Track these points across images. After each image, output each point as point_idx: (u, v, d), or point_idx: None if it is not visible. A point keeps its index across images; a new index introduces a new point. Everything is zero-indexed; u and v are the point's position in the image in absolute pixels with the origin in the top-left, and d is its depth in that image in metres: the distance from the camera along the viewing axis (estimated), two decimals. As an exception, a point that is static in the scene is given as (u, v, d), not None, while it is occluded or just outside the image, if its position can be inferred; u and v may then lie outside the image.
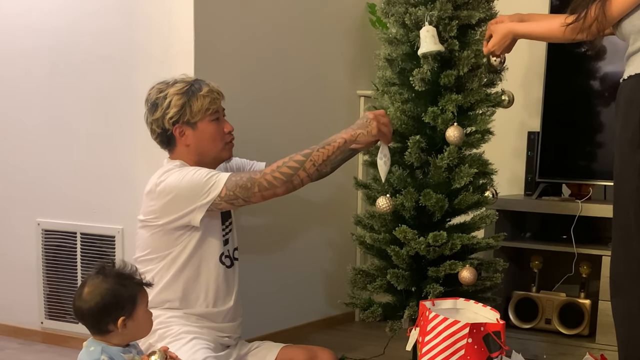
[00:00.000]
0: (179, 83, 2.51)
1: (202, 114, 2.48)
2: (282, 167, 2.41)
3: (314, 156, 2.43)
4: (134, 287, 1.96)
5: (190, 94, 2.47)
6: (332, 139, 2.47)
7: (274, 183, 2.41)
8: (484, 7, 2.79)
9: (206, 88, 2.50)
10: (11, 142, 3.50)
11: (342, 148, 2.47)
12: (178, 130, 2.49)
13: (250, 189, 2.40)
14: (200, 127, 2.49)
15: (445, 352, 2.20)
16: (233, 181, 2.40)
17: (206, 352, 2.38)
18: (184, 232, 2.46)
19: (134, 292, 1.95)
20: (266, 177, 2.41)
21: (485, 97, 2.77)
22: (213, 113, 2.50)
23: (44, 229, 3.41)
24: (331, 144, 2.46)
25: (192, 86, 2.49)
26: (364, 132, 2.48)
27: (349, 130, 2.49)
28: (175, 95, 2.47)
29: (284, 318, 3.51)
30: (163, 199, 2.43)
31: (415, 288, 2.80)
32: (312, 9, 3.57)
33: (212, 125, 2.50)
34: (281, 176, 2.41)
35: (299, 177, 2.42)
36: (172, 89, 2.49)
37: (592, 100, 3.46)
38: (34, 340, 3.45)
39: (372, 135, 2.49)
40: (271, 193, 2.43)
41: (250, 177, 2.41)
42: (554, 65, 3.49)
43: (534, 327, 3.42)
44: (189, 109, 2.47)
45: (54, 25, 3.33)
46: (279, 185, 2.41)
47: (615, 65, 3.28)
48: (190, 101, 2.47)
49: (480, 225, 2.87)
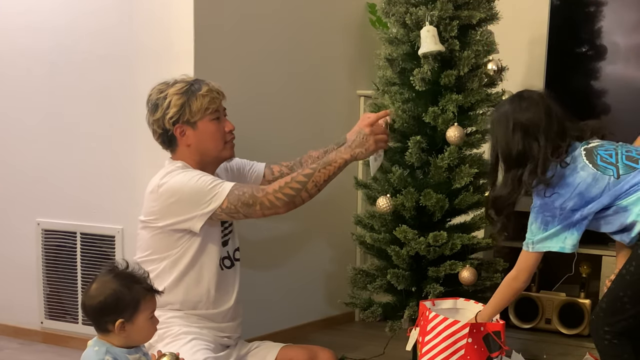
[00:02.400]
0: (179, 83, 2.51)
1: (201, 113, 2.47)
2: (284, 188, 2.42)
3: (316, 177, 2.44)
4: (139, 291, 1.93)
5: (189, 93, 2.47)
6: (332, 159, 2.47)
7: (276, 203, 2.42)
8: (485, 7, 2.79)
9: (205, 87, 2.49)
10: (11, 142, 3.49)
11: (342, 168, 2.50)
12: (179, 130, 2.49)
13: (252, 206, 2.41)
14: (200, 127, 2.49)
15: (445, 352, 2.20)
16: (236, 195, 2.40)
17: (206, 352, 2.38)
18: (183, 234, 2.46)
19: (137, 297, 1.92)
20: (268, 197, 2.42)
21: (485, 97, 2.77)
22: (213, 112, 2.50)
23: (44, 229, 3.40)
24: (332, 164, 2.47)
25: (192, 86, 2.49)
26: (362, 150, 2.51)
27: (348, 149, 2.50)
28: (175, 95, 2.47)
29: (284, 318, 3.50)
30: (165, 201, 2.43)
31: (415, 288, 2.80)
32: (312, 8, 3.56)
33: (212, 125, 2.50)
34: (283, 197, 2.42)
35: (300, 197, 2.44)
36: (172, 89, 2.49)
37: (592, 100, 3.46)
38: (34, 340, 3.45)
39: (371, 152, 2.54)
40: (272, 212, 2.46)
41: (253, 195, 2.41)
42: (554, 65, 3.49)
43: (534, 327, 3.42)
44: (189, 109, 2.47)
45: (54, 25, 3.32)
46: (280, 206, 2.43)
47: (615, 65, 3.28)
48: (189, 101, 2.47)
49: (481, 225, 2.87)
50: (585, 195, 2.13)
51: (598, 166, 2.14)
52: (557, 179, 2.15)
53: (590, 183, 2.13)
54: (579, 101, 3.48)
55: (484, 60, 2.78)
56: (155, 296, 1.99)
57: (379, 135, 2.52)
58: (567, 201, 2.14)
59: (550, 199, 2.16)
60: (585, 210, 2.14)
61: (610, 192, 2.12)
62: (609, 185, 2.12)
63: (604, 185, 2.12)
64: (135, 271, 1.97)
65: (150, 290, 1.97)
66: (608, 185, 2.12)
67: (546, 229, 2.17)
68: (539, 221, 2.19)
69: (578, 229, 2.15)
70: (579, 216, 2.14)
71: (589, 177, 2.13)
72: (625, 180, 2.11)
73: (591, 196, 2.13)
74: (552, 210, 2.16)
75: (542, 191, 2.17)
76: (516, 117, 2.19)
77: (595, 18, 3.47)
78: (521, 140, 2.17)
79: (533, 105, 2.20)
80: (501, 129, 2.21)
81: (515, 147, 2.18)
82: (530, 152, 2.17)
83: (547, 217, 2.17)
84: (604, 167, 2.14)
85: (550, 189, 2.16)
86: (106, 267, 1.98)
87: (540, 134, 2.17)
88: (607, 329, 2.13)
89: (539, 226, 2.19)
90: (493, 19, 2.83)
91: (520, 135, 2.17)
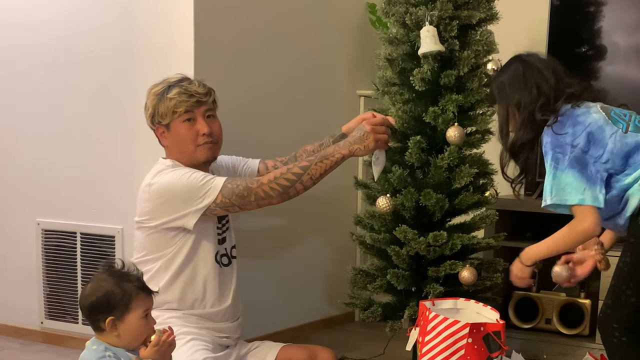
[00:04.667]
0: (161, 84, 2.51)
1: (170, 115, 2.47)
2: (279, 179, 2.41)
3: (312, 169, 2.43)
4: (130, 290, 1.93)
5: (161, 95, 2.48)
6: (330, 153, 2.45)
7: (271, 194, 2.41)
8: (485, 7, 2.79)
9: (175, 90, 2.46)
10: (11, 142, 3.49)
11: (339, 163, 2.47)
12: (159, 130, 2.51)
13: (246, 198, 2.41)
14: (172, 129, 2.49)
15: (445, 352, 2.20)
16: (229, 188, 2.40)
17: (205, 352, 2.38)
18: (177, 232, 2.45)
19: (128, 295, 1.92)
20: (263, 188, 2.41)
21: (485, 97, 2.77)
22: (182, 114, 2.48)
23: (43, 229, 3.40)
24: (329, 158, 2.44)
25: (169, 88, 2.48)
26: (361, 146, 2.47)
27: (346, 144, 2.47)
28: (152, 96, 2.51)
29: (284, 318, 3.50)
30: (156, 200, 2.43)
31: (415, 288, 2.80)
32: (312, 8, 3.56)
33: (183, 126, 2.48)
34: (278, 187, 2.41)
35: (295, 189, 2.43)
36: (153, 90, 2.51)
37: (592, 100, 3.46)
38: (34, 340, 3.45)
39: (369, 150, 2.49)
40: (267, 202, 2.44)
41: (247, 186, 2.41)
42: (554, 65, 3.49)
43: (534, 327, 3.42)
44: (158, 111, 2.48)
45: (54, 25, 3.32)
46: (275, 196, 2.42)
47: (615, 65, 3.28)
48: (159, 103, 2.48)
49: (481, 225, 2.87)
50: (594, 136, 2.14)
51: (611, 117, 2.19)
52: (568, 117, 2.17)
53: (600, 126, 2.15)
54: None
55: (484, 60, 2.78)
56: (152, 296, 1.99)
57: (379, 135, 2.50)
58: (577, 139, 2.14)
59: (561, 136, 2.16)
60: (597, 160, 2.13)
61: (617, 143, 2.14)
62: (615, 135, 2.14)
63: (611, 132, 2.15)
64: (129, 270, 1.98)
65: (143, 289, 1.97)
66: (615, 135, 2.14)
67: (556, 168, 2.13)
68: (550, 158, 2.16)
69: (595, 181, 2.12)
70: (593, 168, 2.13)
71: (600, 120, 2.17)
72: (633, 137, 2.14)
73: (599, 139, 2.14)
74: (562, 146, 2.15)
75: (553, 128, 2.17)
76: (528, 61, 2.28)
77: (595, 18, 3.47)
78: (537, 81, 2.22)
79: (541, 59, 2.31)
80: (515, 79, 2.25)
81: (531, 88, 2.21)
82: (542, 89, 2.21)
83: (557, 153, 2.15)
84: (616, 119, 2.18)
85: (561, 125, 2.16)
86: (102, 267, 1.99)
87: (551, 74, 2.24)
88: (616, 325, 2.12)
89: (550, 165, 2.15)
90: (493, 19, 2.83)
91: (536, 76, 2.23)
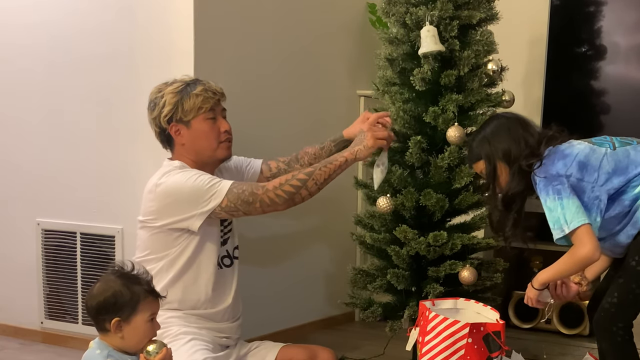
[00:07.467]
0: (176, 82, 2.52)
1: (194, 112, 2.48)
2: (284, 185, 2.42)
3: (316, 175, 2.44)
4: (139, 292, 1.93)
5: (184, 92, 2.49)
6: (333, 158, 2.49)
7: (276, 201, 2.43)
8: (485, 7, 2.79)
9: (200, 87, 2.50)
10: (11, 142, 3.49)
11: (343, 167, 2.49)
12: (174, 129, 2.50)
13: (251, 204, 2.42)
14: (194, 126, 2.50)
15: (445, 352, 2.20)
16: (235, 193, 2.41)
17: (205, 352, 2.38)
18: (181, 233, 2.46)
19: (136, 297, 1.92)
20: (268, 195, 2.42)
21: (485, 97, 2.77)
22: (207, 112, 2.50)
23: (44, 229, 3.40)
24: (333, 162, 2.47)
25: (188, 86, 2.50)
26: (361, 147, 2.50)
27: (348, 148, 2.52)
28: (170, 94, 2.49)
29: (284, 318, 3.50)
30: (162, 200, 2.43)
31: (415, 288, 2.80)
32: (313, 9, 3.56)
33: (206, 124, 2.50)
34: (283, 194, 2.42)
35: (300, 195, 2.44)
36: (168, 88, 2.51)
37: (592, 100, 3.46)
38: (34, 340, 3.44)
39: (369, 148, 2.51)
40: (272, 209, 2.46)
41: (253, 192, 2.42)
42: (554, 65, 3.49)
43: (534, 327, 3.42)
44: (181, 107, 2.48)
45: (54, 24, 3.32)
46: (280, 203, 2.44)
47: (615, 65, 3.28)
48: (182, 99, 2.48)
49: (481, 225, 2.87)
50: (586, 164, 2.17)
51: (593, 143, 2.24)
52: (554, 153, 2.22)
53: (587, 153, 2.20)
54: (579, 101, 3.48)
55: (484, 60, 2.78)
56: (159, 300, 1.99)
57: (377, 132, 2.51)
58: (569, 169, 2.17)
59: (552, 172, 2.18)
60: (594, 185, 2.15)
61: (610, 162, 2.17)
62: (607, 156, 2.18)
63: (601, 155, 2.19)
64: (139, 272, 1.98)
65: (151, 292, 1.97)
66: (606, 156, 2.18)
67: (561, 198, 2.14)
68: (550, 193, 2.17)
69: (590, 209, 2.15)
70: (592, 194, 2.15)
71: (587, 149, 2.21)
72: (622, 151, 2.19)
73: (590, 164, 2.17)
74: (557, 178, 2.17)
75: (542, 168, 2.20)
76: (506, 116, 2.39)
77: (595, 18, 3.48)
78: (522, 133, 2.28)
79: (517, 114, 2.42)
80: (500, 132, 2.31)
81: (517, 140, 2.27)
82: (528, 140, 2.27)
83: (556, 186, 2.16)
84: (600, 143, 2.24)
85: (550, 162, 2.20)
86: (111, 267, 1.99)
87: (533, 129, 2.32)
88: (621, 324, 2.13)
89: (554, 199, 2.16)
90: (493, 19, 2.83)
91: (520, 130, 2.30)
